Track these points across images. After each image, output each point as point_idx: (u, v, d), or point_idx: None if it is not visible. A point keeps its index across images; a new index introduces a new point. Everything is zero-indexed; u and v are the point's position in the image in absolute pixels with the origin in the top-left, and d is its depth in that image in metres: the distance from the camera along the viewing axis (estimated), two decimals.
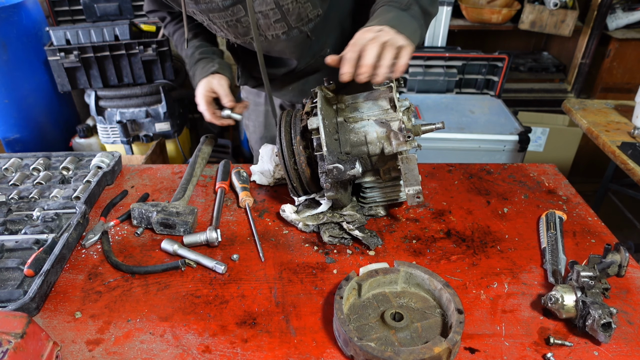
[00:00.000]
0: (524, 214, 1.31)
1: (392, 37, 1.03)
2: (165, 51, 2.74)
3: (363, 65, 1.01)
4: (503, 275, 1.10)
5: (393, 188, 1.24)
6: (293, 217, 1.21)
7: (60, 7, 2.91)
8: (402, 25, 1.08)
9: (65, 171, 1.44)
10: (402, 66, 1.04)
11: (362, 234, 1.17)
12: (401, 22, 1.09)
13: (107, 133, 2.87)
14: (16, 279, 1.05)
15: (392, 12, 1.11)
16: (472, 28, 3.40)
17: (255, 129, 1.83)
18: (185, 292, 1.04)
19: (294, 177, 1.17)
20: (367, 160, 1.15)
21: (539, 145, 3.17)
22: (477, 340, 0.93)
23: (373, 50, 1.01)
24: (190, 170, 1.41)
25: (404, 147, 1.09)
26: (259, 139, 1.84)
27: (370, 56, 1.00)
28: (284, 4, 1.24)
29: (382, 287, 1.02)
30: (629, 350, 0.91)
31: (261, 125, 1.80)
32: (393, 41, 1.03)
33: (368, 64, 1.01)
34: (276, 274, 1.10)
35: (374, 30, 1.05)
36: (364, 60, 1.01)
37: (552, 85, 3.57)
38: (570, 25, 3.18)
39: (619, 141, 1.93)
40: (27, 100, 2.74)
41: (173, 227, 1.20)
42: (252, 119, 1.82)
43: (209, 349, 0.91)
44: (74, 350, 0.91)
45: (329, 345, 0.92)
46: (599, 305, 0.91)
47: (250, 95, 1.78)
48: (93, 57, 2.63)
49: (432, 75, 3.01)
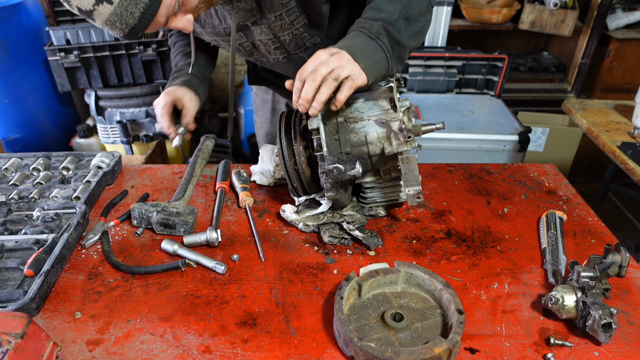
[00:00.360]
0: (524, 214, 1.31)
1: (340, 65, 1.01)
2: (165, 51, 2.73)
3: (301, 98, 1.02)
4: (503, 276, 1.10)
5: (393, 188, 1.24)
6: (293, 218, 1.21)
7: (60, 7, 2.90)
8: (363, 53, 1.04)
9: (65, 171, 1.44)
10: (339, 102, 1.04)
11: (362, 234, 1.17)
12: (364, 49, 1.05)
13: (107, 133, 2.87)
14: (16, 279, 1.05)
15: (359, 39, 1.08)
16: (472, 28, 3.40)
17: (262, 125, 1.86)
18: (186, 292, 1.04)
19: (294, 177, 1.17)
20: (367, 160, 1.15)
21: (539, 145, 3.17)
22: (478, 340, 0.93)
23: (310, 85, 1.01)
24: (190, 171, 1.41)
25: (405, 147, 1.09)
26: (265, 135, 1.85)
27: (306, 90, 1.01)
28: (281, 35, 1.26)
29: (382, 288, 1.02)
30: (629, 351, 0.91)
31: (268, 121, 1.82)
32: (337, 72, 1.01)
33: (305, 97, 1.02)
34: (276, 274, 1.09)
35: (327, 53, 1.03)
36: (302, 93, 1.02)
37: (552, 85, 3.57)
38: (570, 25, 3.18)
39: (619, 141, 1.93)
40: (27, 100, 2.74)
41: (173, 227, 1.20)
42: (260, 115, 1.85)
43: (209, 349, 0.91)
44: (74, 351, 0.91)
45: (329, 345, 0.92)
46: (600, 305, 0.91)
47: (259, 91, 1.81)
48: (93, 57, 2.63)
49: (432, 75, 3.00)
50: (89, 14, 0.90)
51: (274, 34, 1.26)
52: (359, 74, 1.03)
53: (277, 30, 1.25)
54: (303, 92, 1.02)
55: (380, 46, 1.08)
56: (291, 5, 1.19)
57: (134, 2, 0.90)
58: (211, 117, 3.48)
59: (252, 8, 1.20)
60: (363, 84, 1.05)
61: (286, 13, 1.20)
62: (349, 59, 1.03)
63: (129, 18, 0.92)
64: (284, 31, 1.25)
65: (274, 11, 1.20)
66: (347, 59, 1.02)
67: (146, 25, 0.95)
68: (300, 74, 1.03)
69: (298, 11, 1.21)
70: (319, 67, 1.01)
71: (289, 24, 1.23)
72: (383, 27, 1.09)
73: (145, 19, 0.93)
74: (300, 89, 1.03)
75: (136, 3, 0.90)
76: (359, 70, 1.03)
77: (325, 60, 1.02)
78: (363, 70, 1.03)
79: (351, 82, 1.03)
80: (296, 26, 1.24)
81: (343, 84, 1.03)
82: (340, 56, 1.02)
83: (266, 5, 1.18)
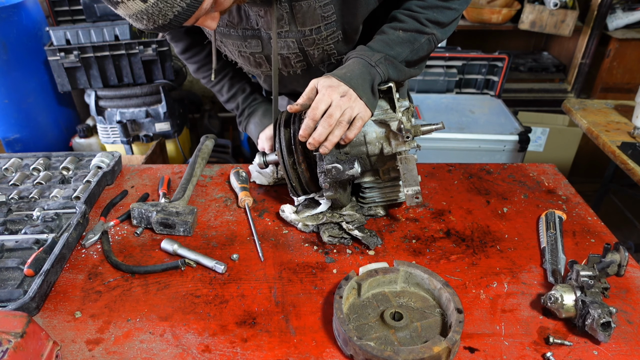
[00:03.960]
0: (523, 213, 1.31)
1: (350, 106, 1.05)
2: (165, 51, 2.74)
3: (313, 138, 1.06)
4: (503, 275, 1.10)
5: (392, 188, 1.24)
6: (292, 218, 1.21)
7: (60, 7, 2.91)
8: (364, 85, 1.08)
9: (65, 171, 1.44)
10: (349, 139, 1.09)
11: (361, 234, 1.17)
12: (364, 81, 1.08)
13: (107, 133, 2.87)
14: (16, 278, 1.05)
15: (358, 66, 1.10)
16: (472, 28, 3.40)
17: None
18: (185, 291, 1.04)
19: (293, 176, 1.17)
20: (366, 160, 1.15)
21: (539, 145, 3.17)
22: (477, 339, 0.93)
23: (325, 129, 1.05)
24: (190, 170, 1.41)
25: (403, 147, 1.09)
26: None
27: (320, 133, 1.05)
28: (309, 49, 1.22)
29: (381, 287, 1.02)
30: (628, 350, 0.91)
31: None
32: (349, 115, 1.05)
33: (318, 139, 1.05)
34: (276, 274, 1.10)
35: (337, 94, 1.05)
36: (315, 134, 1.05)
37: (552, 85, 3.57)
38: (570, 25, 3.18)
39: (619, 141, 1.93)
40: (27, 100, 2.74)
41: (173, 227, 1.20)
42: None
43: (209, 349, 0.91)
44: (74, 350, 0.91)
45: (328, 344, 0.92)
46: (599, 304, 0.91)
47: None
48: (93, 57, 2.63)
49: (432, 75, 3.01)
50: (115, 4, 0.86)
51: (301, 47, 1.22)
52: (366, 111, 1.08)
53: (306, 45, 1.21)
54: (316, 134, 1.05)
55: (378, 72, 1.11)
56: (332, 19, 1.15)
57: (169, 5, 0.86)
58: (211, 117, 3.48)
59: (282, 17, 1.14)
60: (368, 119, 1.11)
61: (325, 27, 1.17)
62: (356, 97, 1.07)
63: (159, 19, 0.88)
64: (315, 46, 1.21)
65: (312, 24, 1.16)
66: (354, 97, 1.07)
67: (176, 27, 0.92)
68: (313, 114, 1.05)
69: (336, 26, 1.18)
70: (333, 112, 1.04)
71: (323, 39, 1.19)
72: (384, 57, 1.13)
73: (177, 21, 0.90)
74: (312, 128, 1.06)
75: (172, 6, 0.87)
76: (364, 107, 1.08)
77: (338, 103, 1.05)
78: (366, 105, 1.08)
79: (360, 122, 1.08)
80: (329, 42, 1.21)
81: (353, 124, 1.07)
82: (350, 97, 1.06)
83: (303, 16, 1.14)
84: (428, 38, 1.18)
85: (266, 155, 1.22)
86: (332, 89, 1.06)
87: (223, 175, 1.48)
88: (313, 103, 1.06)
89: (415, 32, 1.17)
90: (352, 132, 1.08)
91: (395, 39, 1.16)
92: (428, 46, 1.20)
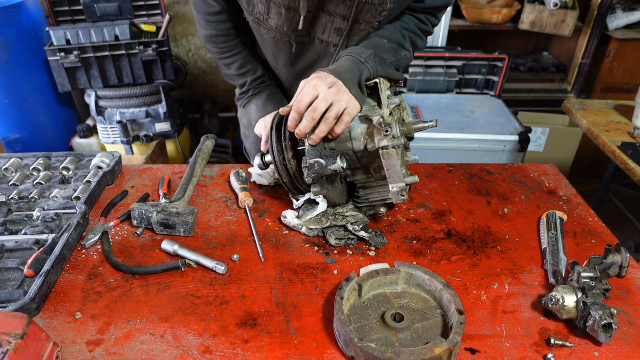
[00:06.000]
0: (524, 214, 1.31)
1: (337, 99, 1.06)
2: (165, 51, 2.74)
3: (299, 130, 1.09)
4: (503, 276, 1.10)
5: (385, 187, 1.23)
6: (295, 222, 1.20)
7: (60, 7, 2.91)
8: (353, 78, 1.10)
9: (65, 171, 1.44)
10: (336, 134, 1.10)
11: (367, 234, 1.17)
12: (352, 75, 1.10)
13: (107, 133, 2.87)
14: (16, 279, 1.05)
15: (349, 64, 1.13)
16: (472, 28, 3.40)
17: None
18: (186, 292, 1.04)
19: (284, 173, 1.17)
20: (352, 156, 1.15)
21: (539, 145, 3.17)
22: (478, 340, 0.93)
23: (309, 122, 1.07)
24: (190, 170, 1.41)
25: (384, 142, 1.07)
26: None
27: (305, 126, 1.08)
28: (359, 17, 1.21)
29: (382, 288, 1.02)
30: (629, 351, 0.91)
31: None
32: (336, 109, 1.06)
33: (302, 132, 1.09)
34: (276, 275, 1.09)
35: (325, 84, 1.07)
36: (300, 127, 1.08)
37: (552, 85, 3.58)
38: (570, 25, 3.18)
39: (619, 141, 1.93)
40: (27, 100, 2.74)
41: (173, 227, 1.20)
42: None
43: (209, 350, 0.91)
44: (74, 351, 0.91)
45: (329, 345, 0.92)
46: (600, 305, 0.91)
47: None
48: (93, 57, 2.63)
49: (432, 75, 3.01)
50: None
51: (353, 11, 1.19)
52: (354, 105, 1.09)
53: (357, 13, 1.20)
54: (301, 126, 1.08)
55: (367, 68, 1.14)
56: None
57: None
58: (211, 117, 3.48)
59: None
60: (358, 113, 1.12)
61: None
62: (345, 89, 1.08)
63: None
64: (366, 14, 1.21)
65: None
66: (343, 89, 1.08)
67: None
68: (297, 107, 1.08)
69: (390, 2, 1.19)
70: (318, 104, 1.06)
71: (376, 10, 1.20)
72: (374, 55, 1.16)
73: None
74: (297, 120, 1.09)
75: None
76: (354, 101, 1.09)
77: (324, 95, 1.06)
78: (354, 97, 1.09)
79: (348, 117, 1.09)
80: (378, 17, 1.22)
81: (341, 118, 1.09)
82: (338, 88, 1.07)
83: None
84: (406, 54, 1.29)
85: (264, 156, 1.23)
86: (320, 80, 1.08)
87: (223, 175, 1.48)
88: (299, 96, 1.09)
89: (397, 44, 1.26)
90: (339, 127, 1.09)
91: (382, 46, 1.22)
92: (405, 61, 1.30)
